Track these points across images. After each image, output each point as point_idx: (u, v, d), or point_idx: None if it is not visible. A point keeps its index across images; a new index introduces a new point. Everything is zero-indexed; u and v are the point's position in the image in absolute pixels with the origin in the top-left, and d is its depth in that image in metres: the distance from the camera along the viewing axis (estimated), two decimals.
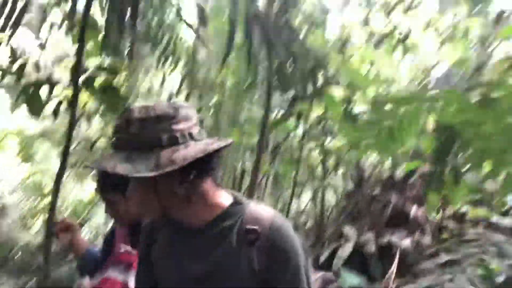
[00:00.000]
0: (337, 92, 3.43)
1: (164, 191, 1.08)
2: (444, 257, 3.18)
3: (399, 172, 5.34)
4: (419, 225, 4.72)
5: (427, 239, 4.29)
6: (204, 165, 1.08)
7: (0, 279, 5.83)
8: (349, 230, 3.77)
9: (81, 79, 2.81)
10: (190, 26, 3.03)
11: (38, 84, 3.31)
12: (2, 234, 5.85)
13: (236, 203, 1.15)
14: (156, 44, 3.76)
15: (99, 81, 2.90)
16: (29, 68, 3.80)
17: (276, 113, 4.27)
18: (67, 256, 5.64)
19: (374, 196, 5.61)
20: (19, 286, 5.90)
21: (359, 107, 4.53)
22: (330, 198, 6.23)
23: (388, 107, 2.56)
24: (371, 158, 6.53)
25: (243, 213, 1.12)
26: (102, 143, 5.59)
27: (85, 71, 2.83)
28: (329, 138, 5.13)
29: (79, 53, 2.69)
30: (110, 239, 1.91)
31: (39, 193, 6.97)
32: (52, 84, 3.45)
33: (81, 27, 2.61)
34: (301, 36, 3.17)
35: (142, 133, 1.04)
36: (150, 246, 1.23)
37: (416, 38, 4.32)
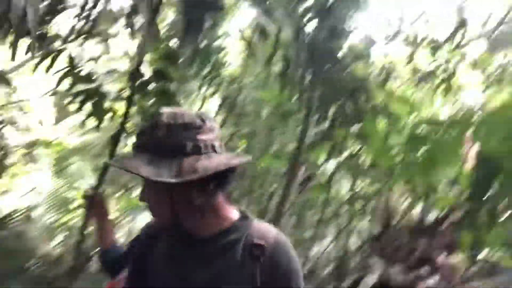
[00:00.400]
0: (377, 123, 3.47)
1: (180, 198, 1.08)
2: None
3: (429, 218, 5.18)
4: (448, 274, 4.49)
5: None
6: (223, 178, 1.10)
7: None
8: (376, 262, 3.62)
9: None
10: (246, 41, 3.17)
11: (92, 92, 3.50)
12: (25, 244, 5.89)
13: (243, 218, 1.18)
14: (202, 64, 3.96)
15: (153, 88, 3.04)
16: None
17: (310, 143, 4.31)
18: (86, 269, 5.61)
19: (401, 241, 5.43)
20: None
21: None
22: (355, 241, 6.05)
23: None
24: (400, 202, 6.39)
25: (249, 228, 1.14)
26: None
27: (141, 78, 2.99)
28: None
29: (139, 62, 2.86)
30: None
31: (65, 208, 7.07)
32: (102, 95, 3.65)
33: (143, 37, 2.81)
34: (345, 66, 3.27)
35: (168, 138, 1.05)
36: (145, 255, 1.23)
37: (461, 79, 4.37)
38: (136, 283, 1.26)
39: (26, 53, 3.91)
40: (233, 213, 1.18)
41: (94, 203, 2.09)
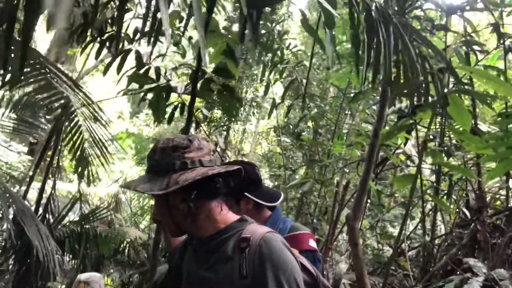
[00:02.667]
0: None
1: (173, 208, 1.26)
2: None
3: None
4: None
5: None
6: (207, 187, 1.24)
7: (109, 269, 6.39)
8: (476, 263, 3.24)
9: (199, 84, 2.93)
10: (307, 26, 2.95)
11: (159, 90, 3.58)
12: (115, 230, 6.41)
13: (240, 220, 1.29)
14: (264, 51, 3.80)
15: (215, 86, 3.00)
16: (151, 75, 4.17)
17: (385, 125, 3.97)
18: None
19: (497, 226, 4.87)
20: (125, 277, 6.39)
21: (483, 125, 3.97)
22: (440, 225, 5.59)
23: None
24: (492, 182, 5.72)
25: (243, 228, 1.25)
26: None
27: (203, 75, 2.96)
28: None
29: (199, 57, 2.82)
30: None
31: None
32: (170, 90, 3.71)
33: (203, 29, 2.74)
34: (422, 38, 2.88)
35: (161, 159, 1.26)
36: (182, 258, 1.42)
37: None
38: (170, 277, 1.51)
39: (97, 56, 4.12)
40: (231, 217, 1.30)
41: None
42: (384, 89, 3.28)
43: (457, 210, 5.80)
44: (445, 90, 2.72)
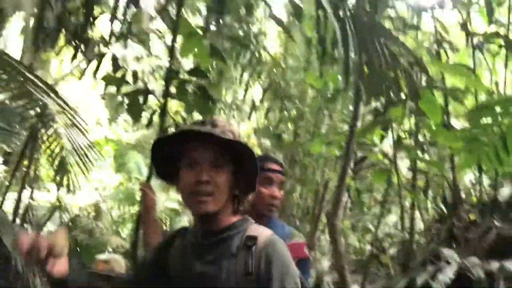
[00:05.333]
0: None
1: (233, 182, 1.24)
2: None
3: (503, 193, 4.71)
4: None
5: None
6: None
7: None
8: (449, 252, 3.33)
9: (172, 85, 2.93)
10: (281, 24, 2.97)
11: (136, 93, 3.55)
12: (96, 237, 6.30)
13: (243, 219, 1.29)
14: (241, 53, 3.83)
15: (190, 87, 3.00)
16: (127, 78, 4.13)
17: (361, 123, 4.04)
18: None
19: (473, 220, 5.00)
20: None
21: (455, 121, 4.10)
22: (418, 222, 5.70)
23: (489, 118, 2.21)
24: (467, 177, 5.89)
25: (247, 226, 1.26)
26: None
27: (176, 76, 2.96)
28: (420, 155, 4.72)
29: (171, 57, 2.82)
30: None
31: (130, 201, 7.48)
32: (147, 93, 3.69)
33: (172, 31, 2.75)
34: (394, 38, 2.96)
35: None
36: (167, 252, 1.34)
37: None
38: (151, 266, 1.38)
39: (72, 60, 4.08)
40: (236, 215, 1.29)
41: (144, 196, 2.12)
42: (358, 88, 3.35)
43: (435, 206, 5.95)
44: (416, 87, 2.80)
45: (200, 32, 2.93)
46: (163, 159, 1.29)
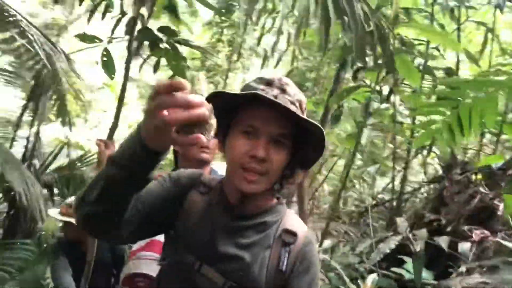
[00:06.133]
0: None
1: (289, 162, 1.11)
2: None
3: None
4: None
5: None
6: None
7: None
8: (402, 222, 3.39)
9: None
10: None
11: None
12: None
13: (279, 204, 1.19)
14: None
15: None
16: None
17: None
18: None
19: (463, 184, 4.95)
20: None
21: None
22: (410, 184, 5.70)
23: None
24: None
25: (284, 214, 1.17)
26: None
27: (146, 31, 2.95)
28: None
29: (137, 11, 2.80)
30: None
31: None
32: None
33: None
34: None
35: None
36: (181, 199, 1.16)
37: None
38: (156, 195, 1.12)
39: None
40: (273, 198, 1.19)
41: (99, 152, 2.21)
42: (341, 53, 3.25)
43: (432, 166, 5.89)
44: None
45: None
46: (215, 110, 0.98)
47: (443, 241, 3.74)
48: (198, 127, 0.79)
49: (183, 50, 3.42)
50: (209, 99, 0.95)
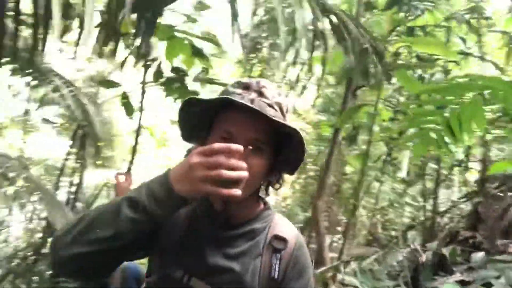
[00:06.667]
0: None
1: (270, 168, 1.08)
2: None
3: None
4: None
5: None
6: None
7: None
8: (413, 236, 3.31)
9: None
10: None
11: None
12: None
13: (267, 209, 1.17)
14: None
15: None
16: None
17: None
18: None
19: (499, 198, 4.72)
20: None
21: None
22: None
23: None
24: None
25: (272, 219, 1.14)
26: None
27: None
28: None
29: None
30: None
31: None
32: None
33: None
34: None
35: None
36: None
37: None
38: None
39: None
40: (260, 203, 1.17)
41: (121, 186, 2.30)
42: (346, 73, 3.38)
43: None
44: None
45: (183, 35, 3.16)
46: (192, 117, 1.05)
47: (478, 258, 3.65)
48: (235, 184, 0.86)
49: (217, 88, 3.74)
50: (184, 107, 1.00)
